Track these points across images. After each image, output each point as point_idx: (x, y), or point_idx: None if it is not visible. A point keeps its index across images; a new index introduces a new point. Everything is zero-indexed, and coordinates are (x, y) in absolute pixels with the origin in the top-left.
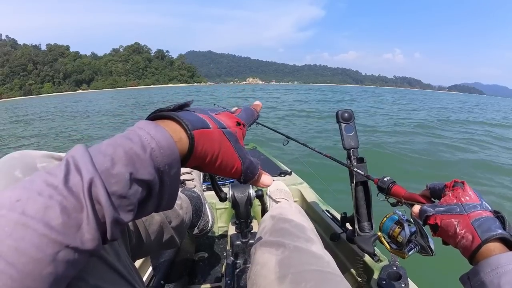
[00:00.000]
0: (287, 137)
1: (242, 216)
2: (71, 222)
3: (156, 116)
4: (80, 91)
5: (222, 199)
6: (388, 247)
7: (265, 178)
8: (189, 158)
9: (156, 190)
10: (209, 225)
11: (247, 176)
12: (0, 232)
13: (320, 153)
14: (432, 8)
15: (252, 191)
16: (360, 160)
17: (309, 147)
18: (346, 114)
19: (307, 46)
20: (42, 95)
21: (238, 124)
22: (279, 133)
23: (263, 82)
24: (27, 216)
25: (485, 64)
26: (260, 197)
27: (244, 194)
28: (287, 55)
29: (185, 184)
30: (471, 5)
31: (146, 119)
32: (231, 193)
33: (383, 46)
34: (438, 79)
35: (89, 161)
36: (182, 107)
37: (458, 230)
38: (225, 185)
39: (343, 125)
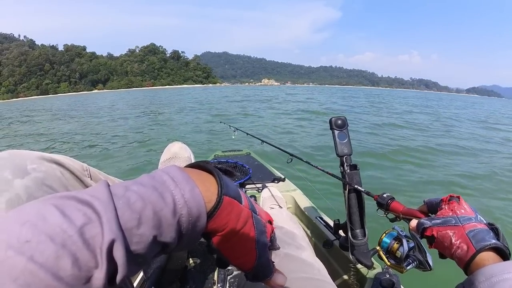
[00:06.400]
0: (291, 155)
1: None
2: (81, 275)
3: (198, 165)
4: (96, 91)
5: None
6: (387, 262)
7: (279, 278)
8: (207, 220)
9: (172, 248)
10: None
11: (258, 274)
12: (5, 275)
13: (323, 170)
14: (449, 9)
15: None
16: (353, 167)
17: (312, 165)
18: (339, 121)
19: (323, 47)
20: (59, 94)
21: (270, 222)
22: (283, 151)
23: (278, 84)
24: (35, 263)
25: (504, 66)
26: None
27: None
28: (302, 56)
29: None
30: (490, 5)
31: (187, 166)
32: None
33: (399, 47)
34: (456, 82)
35: (113, 217)
36: (227, 172)
37: (453, 241)
38: None
39: (336, 132)
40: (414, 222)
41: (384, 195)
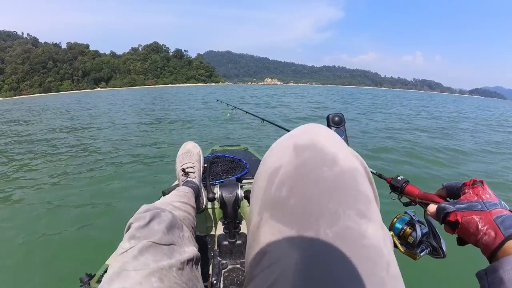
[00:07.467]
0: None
1: (230, 216)
2: None
3: None
4: (99, 89)
5: (210, 199)
6: (400, 247)
7: None
8: None
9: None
10: (203, 206)
11: None
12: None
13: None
14: (452, 10)
15: (240, 192)
16: None
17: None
18: (336, 118)
19: (326, 47)
20: (61, 92)
21: None
22: (287, 130)
23: (281, 83)
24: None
25: (507, 68)
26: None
27: (232, 195)
28: (305, 56)
29: (188, 175)
30: (492, 7)
31: None
32: (219, 193)
33: (403, 48)
34: (459, 83)
35: None
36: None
37: (480, 227)
38: (215, 185)
39: (333, 129)
40: (433, 207)
41: (399, 178)
